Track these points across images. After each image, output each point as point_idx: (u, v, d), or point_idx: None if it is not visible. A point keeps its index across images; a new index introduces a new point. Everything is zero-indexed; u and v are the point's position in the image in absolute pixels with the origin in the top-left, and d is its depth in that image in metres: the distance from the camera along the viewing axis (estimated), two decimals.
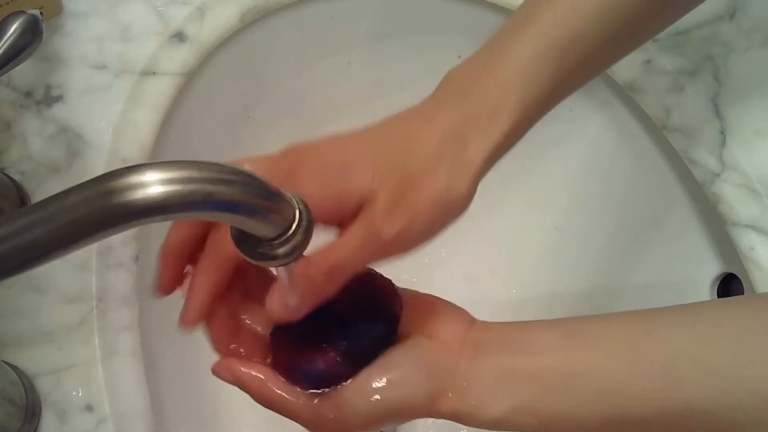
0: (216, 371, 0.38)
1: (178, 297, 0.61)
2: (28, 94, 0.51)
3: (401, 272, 0.38)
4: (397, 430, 0.66)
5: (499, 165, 0.36)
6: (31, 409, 0.44)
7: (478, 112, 0.35)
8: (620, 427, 0.34)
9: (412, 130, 0.36)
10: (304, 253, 0.31)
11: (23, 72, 0.51)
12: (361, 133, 0.36)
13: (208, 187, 0.26)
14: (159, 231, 0.56)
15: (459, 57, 0.37)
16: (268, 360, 0.38)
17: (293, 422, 0.61)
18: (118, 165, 0.43)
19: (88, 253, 0.48)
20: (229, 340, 0.38)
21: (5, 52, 0.37)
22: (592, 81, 0.58)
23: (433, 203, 0.34)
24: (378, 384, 0.35)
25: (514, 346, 0.36)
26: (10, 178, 0.48)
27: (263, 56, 0.60)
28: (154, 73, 0.52)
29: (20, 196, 0.48)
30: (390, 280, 0.38)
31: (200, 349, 0.64)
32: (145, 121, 0.51)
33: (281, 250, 0.31)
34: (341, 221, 0.35)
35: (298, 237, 0.31)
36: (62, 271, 0.47)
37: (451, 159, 0.34)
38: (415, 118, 0.36)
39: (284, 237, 0.31)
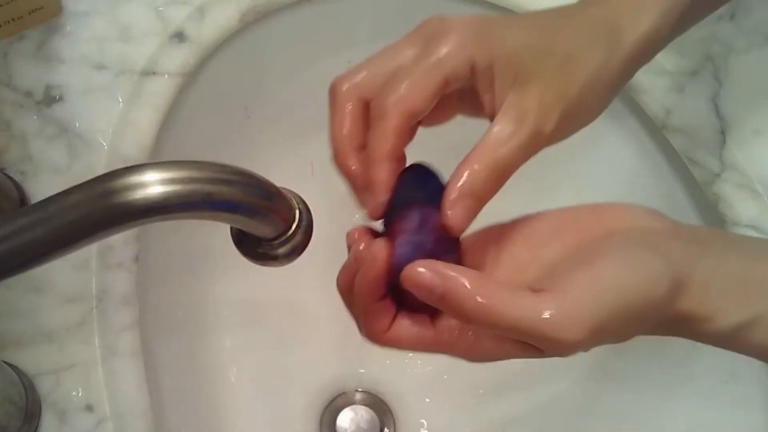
0: (414, 272, 0.30)
1: (178, 297, 0.61)
2: (28, 94, 0.51)
3: None
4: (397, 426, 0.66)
5: None
6: (31, 409, 0.44)
7: (623, 8, 0.34)
8: None
9: (560, 18, 0.35)
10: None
11: (23, 72, 0.51)
12: (505, 16, 0.35)
13: (208, 187, 0.26)
14: (159, 231, 0.56)
15: None
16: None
17: (294, 422, 0.62)
18: (118, 165, 0.43)
19: (88, 253, 0.48)
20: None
21: None
22: None
23: (589, 82, 0.33)
24: (613, 271, 0.30)
25: (744, 249, 0.33)
26: (10, 178, 0.48)
27: (263, 56, 0.60)
28: (154, 73, 0.52)
29: (20, 196, 0.48)
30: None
31: (200, 349, 0.64)
32: (145, 121, 0.51)
33: (281, 250, 0.31)
34: (472, 88, 0.33)
35: (298, 237, 0.31)
36: (62, 271, 0.47)
37: (605, 39, 0.34)
38: (560, 11, 0.35)
39: (284, 237, 0.31)
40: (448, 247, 0.33)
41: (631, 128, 0.58)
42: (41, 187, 0.49)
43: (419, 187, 0.34)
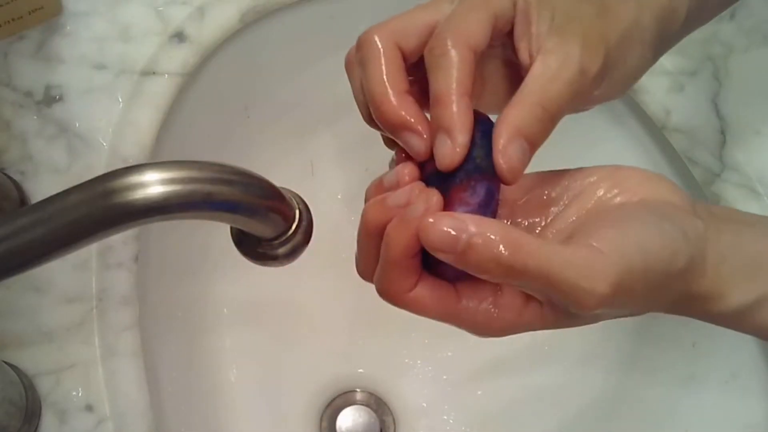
0: (435, 226, 0.27)
1: (178, 297, 0.61)
2: (28, 94, 0.51)
3: None
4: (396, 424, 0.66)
5: None
6: (31, 409, 0.44)
7: None
8: None
9: None
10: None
11: (23, 72, 0.51)
12: None
13: (208, 187, 0.26)
14: (159, 231, 0.56)
15: None
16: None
17: (294, 422, 0.61)
18: (118, 165, 0.43)
19: (88, 253, 0.48)
20: None
21: None
22: None
23: (627, 33, 0.32)
24: (639, 233, 0.29)
25: (757, 228, 0.33)
26: (10, 178, 0.48)
27: (263, 56, 0.60)
28: (154, 73, 0.52)
29: (20, 196, 0.48)
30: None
31: (200, 349, 0.64)
32: (145, 121, 0.51)
33: (281, 250, 0.31)
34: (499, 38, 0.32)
35: (298, 237, 0.31)
36: (62, 271, 0.47)
37: None
38: None
39: (284, 237, 0.31)
40: None
41: (631, 128, 0.58)
42: (41, 187, 0.49)
43: (481, 144, 0.30)
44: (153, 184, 0.25)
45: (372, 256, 0.30)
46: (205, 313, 0.64)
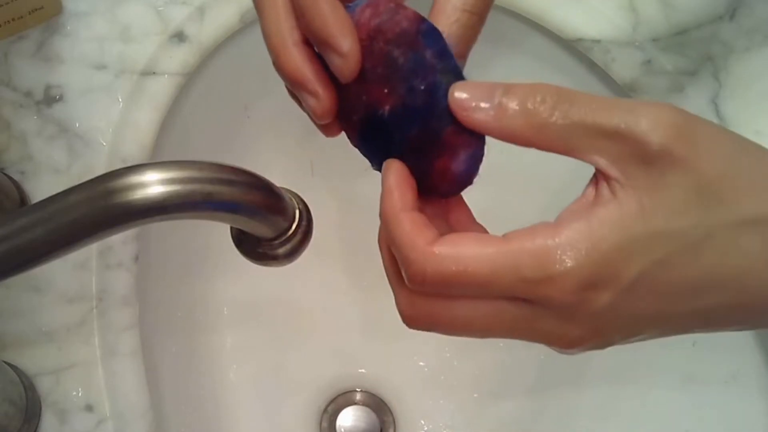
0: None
1: (178, 297, 0.61)
2: (28, 94, 0.51)
3: None
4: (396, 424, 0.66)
5: (500, 166, 0.36)
6: (31, 409, 0.44)
7: None
8: None
9: None
10: None
11: (23, 72, 0.51)
12: None
13: (208, 187, 0.26)
14: (159, 231, 0.56)
15: None
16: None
17: (294, 422, 0.61)
18: (118, 165, 0.43)
19: (88, 253, 0.48)
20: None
21: None
22: (593, 81, 0.58)
23: None
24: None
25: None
26: (10, 178, 0.48)
27: (263, 56, 0.60)
28: (154, 73, 0.52)
29: (20, 196, 0.48)
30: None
31: (200, 348, 0.64)
32: (145, 121, 0.51)
33: (281, 250, 0.31)
34: None
35: (298, 237, 0.31)
36: (62, 271, 0.47)
37: None
38: None
39: (284, 237, 0.31)
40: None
41: None
42: (41, 187, 0.49)
43: (444, 67, 0.30)
44: (153, 184, 0.25)
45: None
46: (205, 313, 0.64)
